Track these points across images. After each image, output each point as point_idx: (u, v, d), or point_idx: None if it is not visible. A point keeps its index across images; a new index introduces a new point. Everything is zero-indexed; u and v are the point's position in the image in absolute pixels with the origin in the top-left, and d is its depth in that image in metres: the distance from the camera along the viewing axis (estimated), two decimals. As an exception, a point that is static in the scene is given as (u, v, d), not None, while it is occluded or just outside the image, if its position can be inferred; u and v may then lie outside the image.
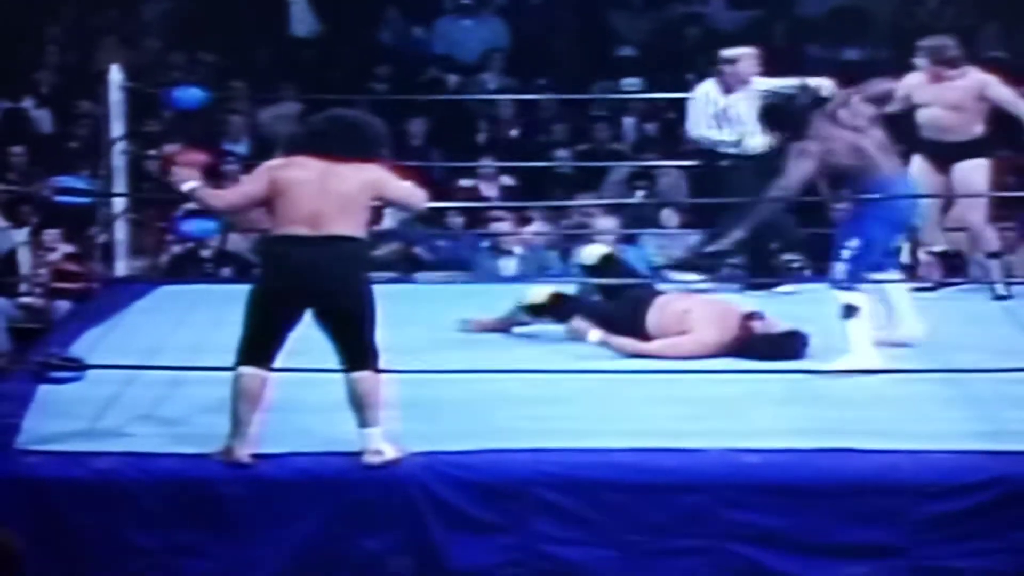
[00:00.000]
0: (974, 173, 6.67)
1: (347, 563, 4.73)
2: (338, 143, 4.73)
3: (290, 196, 4.66)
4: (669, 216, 8.86)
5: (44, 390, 5.19)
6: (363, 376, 4.67)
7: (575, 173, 9.57)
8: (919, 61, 6.76)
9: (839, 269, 5.56)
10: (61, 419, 5.04)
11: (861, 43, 10.37)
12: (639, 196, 9.11)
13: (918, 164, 6.72)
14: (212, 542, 4.74)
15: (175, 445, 4.87)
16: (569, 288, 6.23)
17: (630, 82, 10.38)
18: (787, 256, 7.96)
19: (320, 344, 4.75)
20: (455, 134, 9.88)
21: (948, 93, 6.67)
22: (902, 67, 6.94)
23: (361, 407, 4.68)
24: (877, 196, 5.55)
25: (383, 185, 4.72)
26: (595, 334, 5.88)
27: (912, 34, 10.68)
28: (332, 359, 4.75)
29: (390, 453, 4.72)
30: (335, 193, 4.65)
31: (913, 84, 6.73)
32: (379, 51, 10.85)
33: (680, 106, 9.95)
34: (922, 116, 6.73)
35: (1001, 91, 6.67)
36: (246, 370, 4.69)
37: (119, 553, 4.74)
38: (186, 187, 4.86)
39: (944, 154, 6.69)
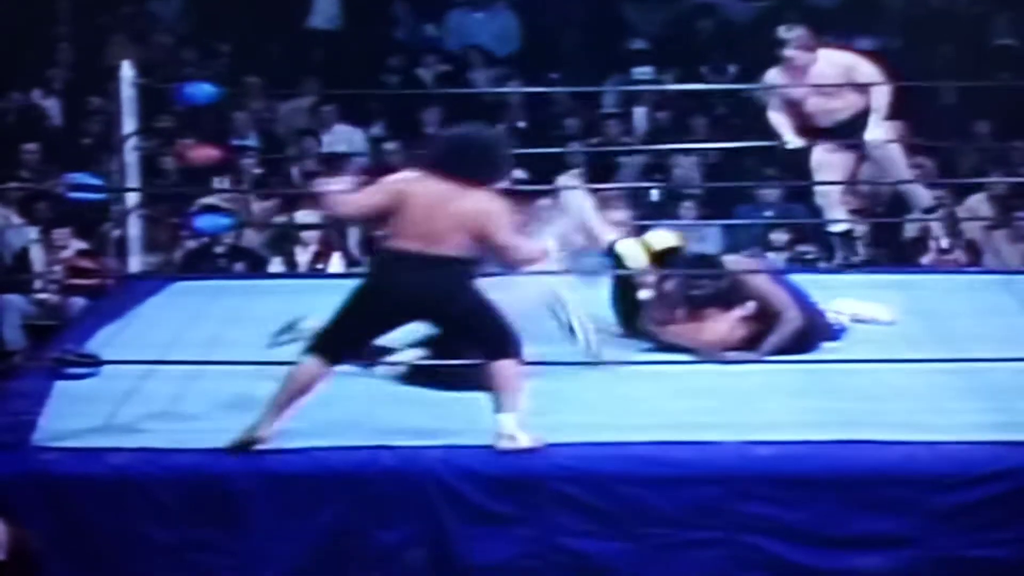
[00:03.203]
0: (884, 148, 6.83)
1: (363, 557, 4.74)
2: (464, 165, 4.75)
3: (408, 211, 4.70)
4: (687, 208, 8.86)
5: (60, 386, 5.20)
6: (500, 364, 4.71)
7: (587, 164, 9.56)
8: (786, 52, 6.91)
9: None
10: (77, 415, 5.05)
11: (874, 33, 10.34)
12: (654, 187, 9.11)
13: (823, 147, 6.90)
14: (228, 537, 4.75)
15: (191, 441, 4.87)
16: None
17: (642, 71, 10.38)
18: (801, 247, 7.96)
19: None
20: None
21: (820, 78, 6.80)
22: (915, 56, 6.97)
23: (497, 392, 4.72)
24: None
25: (494, 226, 4.71)
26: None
27: (924, 23, 10.68)
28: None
29: (524, 441, 4.73)
30: (452, 215, 4.69)
31: (780, 80, 6.95)
32: (392, 45, 10.85)
33: (693, 96, 10.01)
34: (811, 105, 6.87)
35: (861, 72, 6.82)
36: (313, 360, 4.73)
37: (135, 549, 4.75)
38: (320, 189, 4.93)
39: (843, 134, 6.84)
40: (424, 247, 4.69)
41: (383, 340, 5.06)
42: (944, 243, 6.87)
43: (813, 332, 5.68)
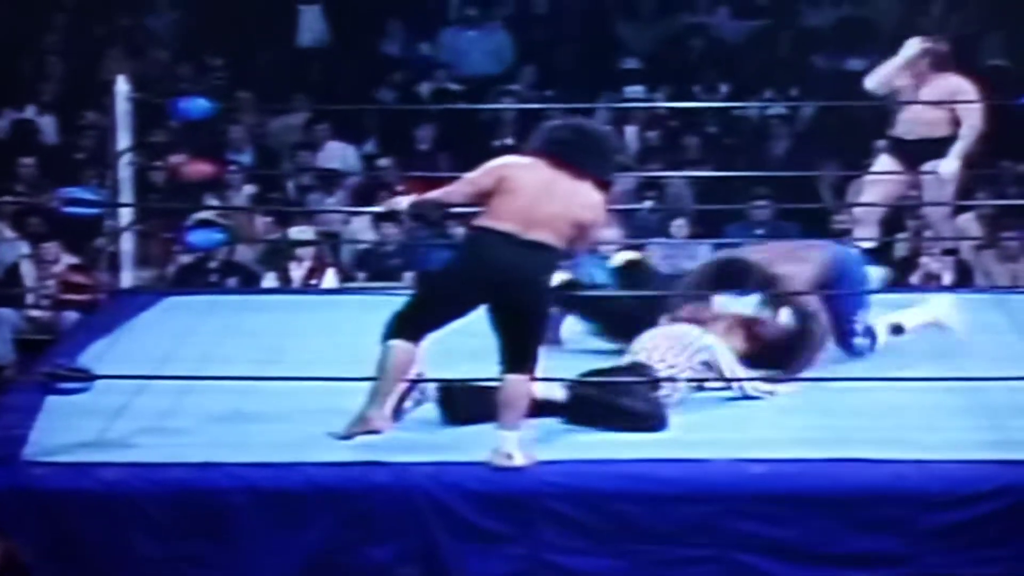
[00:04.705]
0: (946, 176, 6.84)
1: (354, 573, 4.73)
2: (577, 154, 4.74)
3: (512, 193, 4.69)
4: (679, 227, 8.87)
5: (51, 401, 5.19)
6: (516, 379, 4.70)
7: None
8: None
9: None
10: (68, 430, 5.04)
11: (866, 53, 10.37)
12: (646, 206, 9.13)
13: (884, 161, 6.96)
14: (219, 552, 4.74)
15: (182, 455, 4.87)
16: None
17: (633, 90, 10.41)
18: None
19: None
20: (463, 140, 9.89)
21: (926, 92, 6.84)
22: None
23: (504, 408, 4.71)
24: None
25: (594, 220, 4.72)
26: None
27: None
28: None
29: (519, 460, 4.73)
30: (555, 203, 4.68)
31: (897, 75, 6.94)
32: (384, 61, 10.87)
33: (683, 115, 10.03)
34: (898, 111, 6.92)
35: (966, 104, 6.84)
36: (400, 344, 4.71)
37: (126, 564, 4.74)
38: (405, 204, 4.90)
39: (915, 150, 6.85)
40: (522, 230, 4.67)
41: None
42: (935, 266, 6.95)
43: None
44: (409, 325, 4.74)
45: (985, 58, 10.40)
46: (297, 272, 8.37)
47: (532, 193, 4.69)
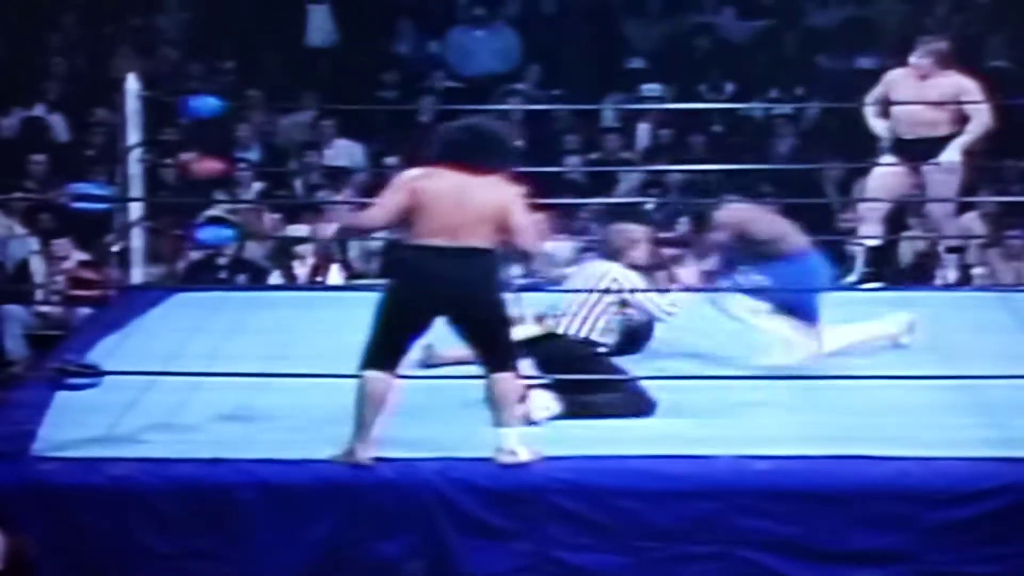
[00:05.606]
0: (948, 172, 6.87)
1: (361, 568, 4.76)
2: (475, 154, 4.76)
3: (429, 207, 4.71)
4: (683, 225, 8.87)
5: (60, 397, 5.21)
6: (502, 377, 4.73)
7: (586, 182, 9.61)
8: (914, 57, 6.97)
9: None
10: (77, 426, 5.06)
11: (871, 52, 10.39)
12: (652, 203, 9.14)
13: (887, 160, 7.00)
14: (227, 547, 4.77)
15: (191, 451, 4.89)
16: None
17: (650, 87, 10.41)
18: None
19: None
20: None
21: (929, 91, 6.85)
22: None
23: (498, 407, 4.74)
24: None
25: (512, 209, 4.73)
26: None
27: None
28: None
29: (524, 455, 4.75)
30: (471, 206, 4.70)
31: (895, 80, 6.97)
32: (392, 61, 10.89)
33: (690, 114, 10.04)
34: (899, 111, 6.92)
35: (973, 103, 6.87)
36: (372, 374, 4.73)
37: (134, 559, 4.77)
38: (331, 231, 4.94)
39: (917, 149, 6.88)
40: (451, 240, 4.69)
41: None
42: (952, 274, 7.03)
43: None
44: (377, 355, 4.75)
45: (988, 59, 10.41)
46: (301, 270, 8.39)
47: (446, 202, 4.70)
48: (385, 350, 4.74)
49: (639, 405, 5.25)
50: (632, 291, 5.43)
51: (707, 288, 5.74)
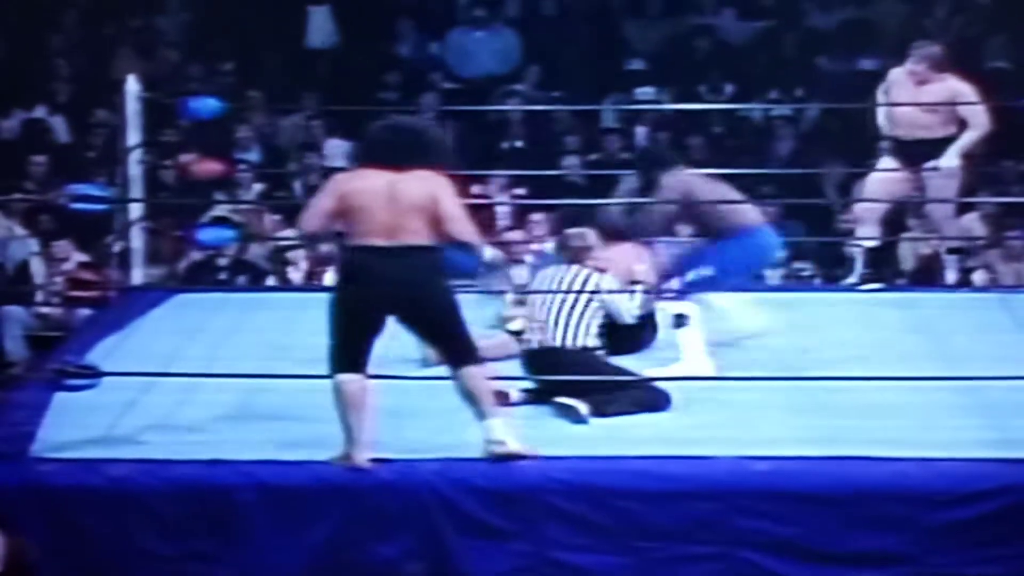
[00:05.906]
0: (947, 176, 6.91)
1: (361, 569, 4.76)
2: (400, 152, 4.76)
3: (362, 208, 4.70)
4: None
5: (60, 398, 5.22)
6: (469, 371, 4.73)
7: (586, 183, 9.61)
8: (909, 63, 7.03)
9: (674, 283, 5.75)
10: (77, 427, 5.07)
11: (870, 54, 10.39)
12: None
13: (886, 162, 7.05)
14: (227, 549, 4.77)
15: (190, 452, 4.90)
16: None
17: (644, 91, 10.42)
18: (797, 265, 8.01)
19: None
20: (471, 143, 9.92)
21: (925, 95, 6.90)
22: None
23: (474, 401, 4.74)
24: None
25: (442, 198, 4.71)
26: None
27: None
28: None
29: (514, 445, 4.75)
30: (405, 203, 4.69)
31: (895, 80, 7.03)
32: (393, 62, 10.90)
33: (689, 116, 10.04)
34: (897, 113, 6.96)
35: (969, 105, 6.91)
36: (343, 377, 4.74)
37: (134, 560, 4.77)
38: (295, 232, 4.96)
39: (915, 151, 6.91)
40: (390, 239, 4.68)
41: None
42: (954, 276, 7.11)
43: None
44: (342, 358, 4.75)
45: (988, 60, 10.41)
46: (295, 275, 8.39)
47: (378, 202, 4.69)
48: (347, 352, 4.75)
49: (657, 400, 5.28)
50: (596, 292, 5.46)
51: (666, 290, 5.74)
